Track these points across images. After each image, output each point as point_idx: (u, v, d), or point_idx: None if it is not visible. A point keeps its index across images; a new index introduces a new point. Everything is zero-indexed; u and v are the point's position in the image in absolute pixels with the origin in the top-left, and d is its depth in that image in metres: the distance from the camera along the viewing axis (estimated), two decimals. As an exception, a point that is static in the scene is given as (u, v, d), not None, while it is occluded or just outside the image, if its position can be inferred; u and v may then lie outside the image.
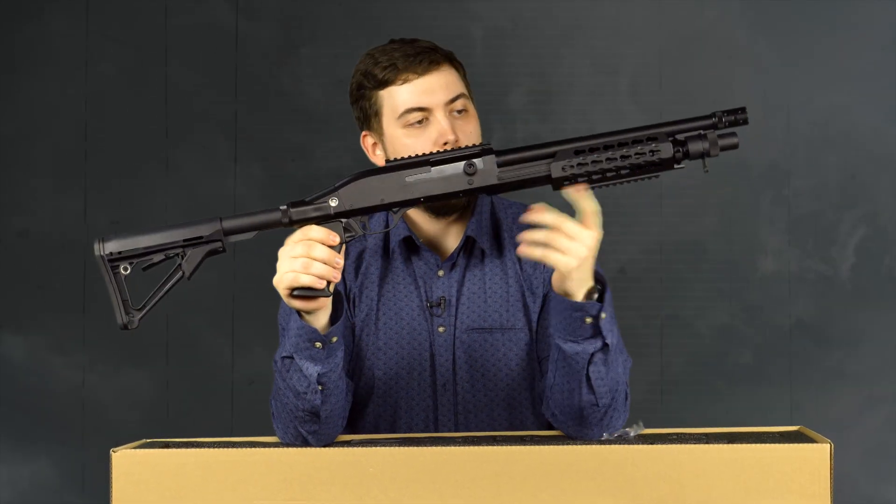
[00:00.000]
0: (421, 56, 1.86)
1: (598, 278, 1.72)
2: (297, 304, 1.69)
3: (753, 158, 3.58)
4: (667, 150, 1.66)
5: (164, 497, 1.63)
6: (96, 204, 3.68)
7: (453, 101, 1.87)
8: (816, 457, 1.60)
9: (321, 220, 1.70)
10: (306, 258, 1.66)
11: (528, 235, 1.68)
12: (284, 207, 1.70)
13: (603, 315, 1.70)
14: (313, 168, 3.67)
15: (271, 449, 1.66)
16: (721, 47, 3.64)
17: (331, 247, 1.68)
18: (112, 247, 1.68)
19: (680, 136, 1.67)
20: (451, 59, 1.90)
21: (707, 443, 1.63)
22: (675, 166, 1.67)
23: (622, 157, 1.66)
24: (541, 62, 3.65)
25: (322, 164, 3.67)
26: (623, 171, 1.67)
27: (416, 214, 1.94)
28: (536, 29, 3.67)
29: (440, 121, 1.86)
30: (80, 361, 3.68)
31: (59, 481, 3.69)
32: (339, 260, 1.68)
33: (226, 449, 1.65)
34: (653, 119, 3.59)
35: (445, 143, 1.85)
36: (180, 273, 1.69)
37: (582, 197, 1.68)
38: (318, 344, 1.72)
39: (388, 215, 1.93)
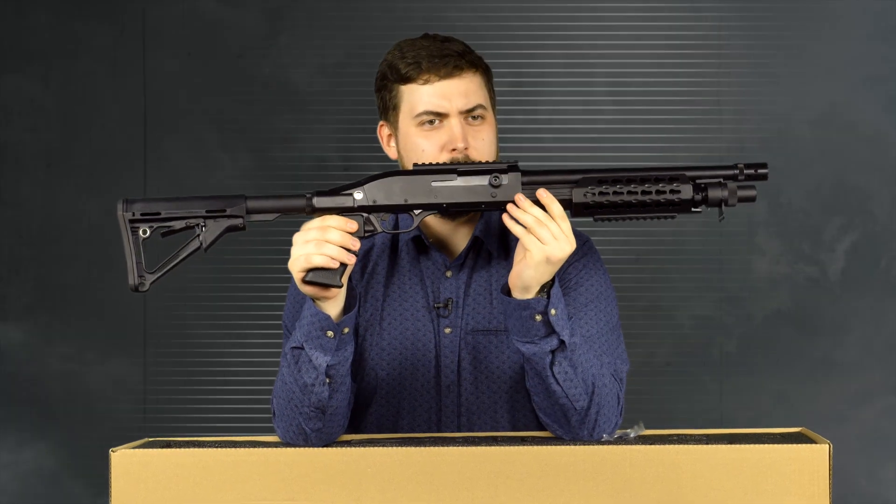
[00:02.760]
0: (446, 59, 1.86)
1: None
2: (310, 290, 1.70)
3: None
4: (687, 191, 1.69)
5: (164, 497, 1.63)
6: (86, 196, 3.67)
7: (470, 110, 1.87)
8: (815, 457, 1.60)
9: (343, 212, 1.72)
10: (320, 239, 1.67)
11: (518, 213, 1.70)
12: (309, 195, 1.72)
13: (553, 311, 1.71)
14: (299, 155, 3.67)
15: (270, 449, 1.65)
16: (709, 48, 3.64)
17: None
18: (134, 208, 1.70)
19: (700, 182, 1.70)
20: (476, 66, 1.90)
21: (707, 443, 1.63)
22: (693, 210, 1.71)
23: (643, 192, 1.69)
24: (520, 59, 3.65)
25: (308, 151, 3.67)
26: (642, 207, 1.70)
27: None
28: (516, 27, 3.67)
29: (453, 127, 1.86)
30: (71, 350, 3.67)
31: (56, 468, 3.69)
32: (356, 243, 1.69)
33: (224, 449, 1.65)
34: (641, 121, 3.63)
35: (454, 150, 1.85)
36: (198, 243, 1.70)
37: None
38: (330, 333, 1.72)
39: (405, 217, 1.93)
